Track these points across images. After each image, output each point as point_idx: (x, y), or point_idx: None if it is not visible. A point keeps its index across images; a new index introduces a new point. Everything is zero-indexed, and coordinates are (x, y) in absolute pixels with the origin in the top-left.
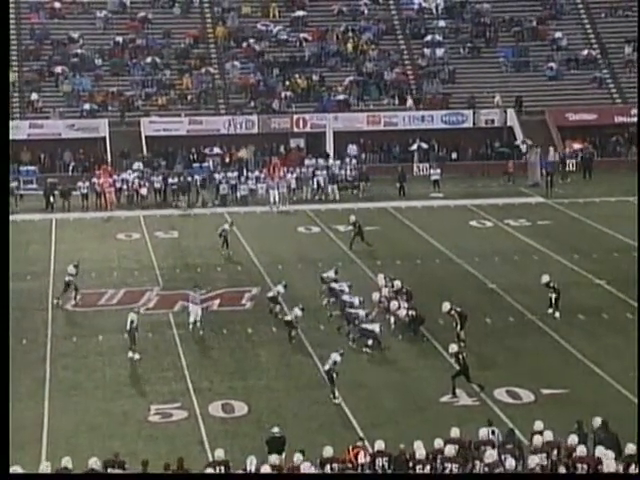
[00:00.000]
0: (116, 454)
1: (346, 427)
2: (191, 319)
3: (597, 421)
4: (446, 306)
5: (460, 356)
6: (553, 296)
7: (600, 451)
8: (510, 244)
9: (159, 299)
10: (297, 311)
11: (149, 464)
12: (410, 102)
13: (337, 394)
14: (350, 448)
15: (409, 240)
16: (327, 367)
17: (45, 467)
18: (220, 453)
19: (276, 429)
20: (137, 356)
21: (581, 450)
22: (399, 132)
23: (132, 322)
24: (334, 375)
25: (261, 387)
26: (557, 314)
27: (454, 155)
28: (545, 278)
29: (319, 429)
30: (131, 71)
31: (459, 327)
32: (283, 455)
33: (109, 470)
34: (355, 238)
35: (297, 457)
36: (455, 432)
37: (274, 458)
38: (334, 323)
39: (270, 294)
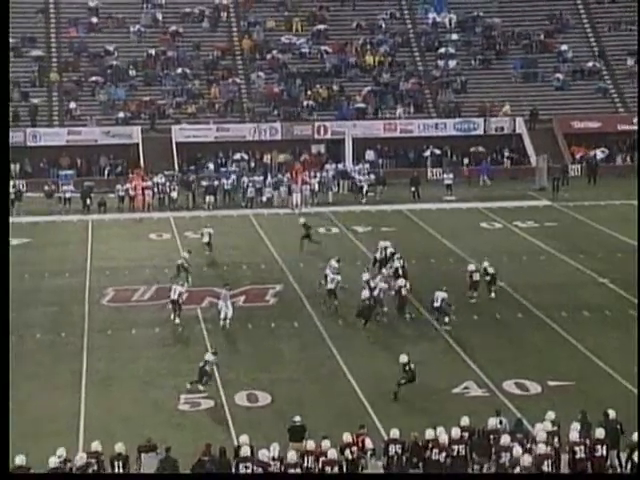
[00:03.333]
0: (149, 439)
1: (362, 416)
2: (222, 315)
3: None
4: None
5: (408, 367)
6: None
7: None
8: (518, 244)
9: (188, 295)
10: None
11: (177, 450)
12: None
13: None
14: (355, 436)
15: (423, 240)
16: (202, 364)
17: (80, 457)
18: (245, 439)
19: (297, 418)
20: (177, 320)
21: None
22: (414, 139)
23: (176, 292)
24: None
25: (283, 378)
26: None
27: (466, 161)
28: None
29: (337, 417)
30: (163, 81)
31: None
32: (304, 442)
33: (142, 455)
34: (304, 239)
35: (325, 443)
36: (465, 421)
37: (297, 445)
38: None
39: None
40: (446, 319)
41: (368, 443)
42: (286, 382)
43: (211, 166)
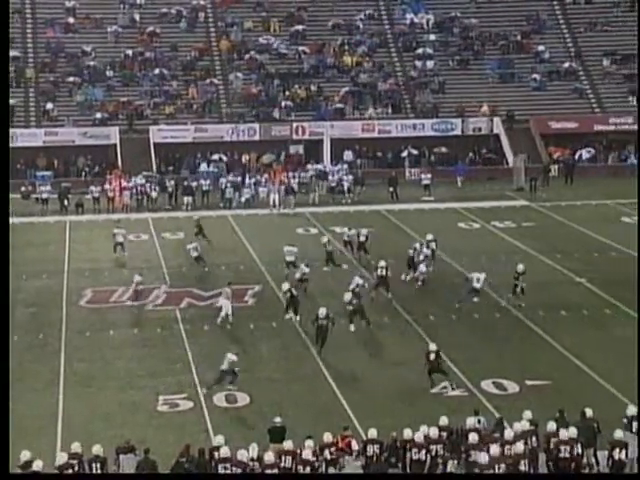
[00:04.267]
0: (127, 440)
1: (342, 416)
2: (223, 313)
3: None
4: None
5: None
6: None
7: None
8: (496, 244)
9: (167, 296)
10: (304, 268)
11: (156, 451)
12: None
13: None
14: (339, 437)
15: (401, 240)
16: (224, 366)
17: (61, 457)
18: (220, 439)
19: (277, 419)
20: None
21: (562, 434)
22: (392, 139)
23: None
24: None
25: (262, 378)
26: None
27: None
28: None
29: (317, 417)
30: (140, 82)
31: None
32: (284, 443)
33: (121, 456)
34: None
35: (308, 443)
36: (444, 420)
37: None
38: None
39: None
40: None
41: (354, 445)
42: (265, 382)
43: (188, 167)
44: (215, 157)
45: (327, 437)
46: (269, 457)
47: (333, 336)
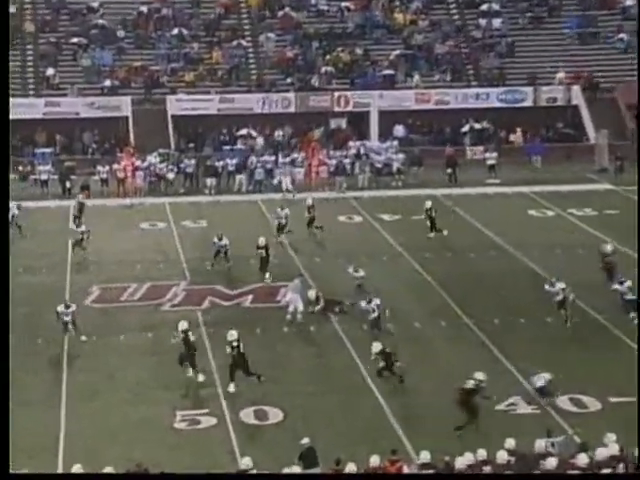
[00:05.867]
0: (139, 463)
1: (389, 436)
2: (290, 308)
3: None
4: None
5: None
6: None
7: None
8: (573, 236)
9: (186, 294)
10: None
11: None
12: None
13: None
14: (388, 462)
15: (461, 231)
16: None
17: None
18: (247, 462)
19: (305, 440)
20: None
21: None
22: (451, 111)
23: None
24: None
25: (297, 391)
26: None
27: (512, 137)
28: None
29: (360, 437)
30: (156, 44)
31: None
32: (318, 469)
33: None
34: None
35: (350, 467)
36: (510, 443)
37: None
38: None
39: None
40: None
41: (406, 471)
42: (300, 396)
43: (212, 144)
44: (243, 132)
45: (374, 460)
46: None
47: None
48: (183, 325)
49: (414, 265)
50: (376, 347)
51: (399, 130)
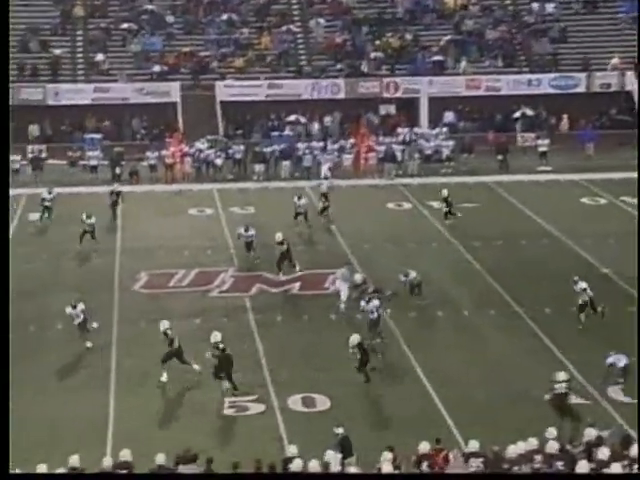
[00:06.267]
0: (187, 449)
1: (437, 424)
2: (343, 297)
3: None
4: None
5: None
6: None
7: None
8: (627, 224)
9: (234, 281)
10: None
11: (220, 461)
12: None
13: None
14: (435, 451)
15: (512, 218)
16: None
17: (107, 462)
18: (294, 450)
19: (340, 430)
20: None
21: None
22: (502, 98)
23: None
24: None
25: (345, 379)
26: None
27: (562, 124)
28: None
29: (409, 425)
30: (206, 29)
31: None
32: (353, 458)
33: (180, 467)
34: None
35: (385, 456)
36: (551, 432)
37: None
38: None
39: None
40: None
41: (452, 459)
42: (348, 384)
43: (260, 130)
44: (292, 118)
45: (424, 447)
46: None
47: (430, 332)
48: (216, 337)
49: (463, 253)
50: (353, 340)
51: (449, 116)
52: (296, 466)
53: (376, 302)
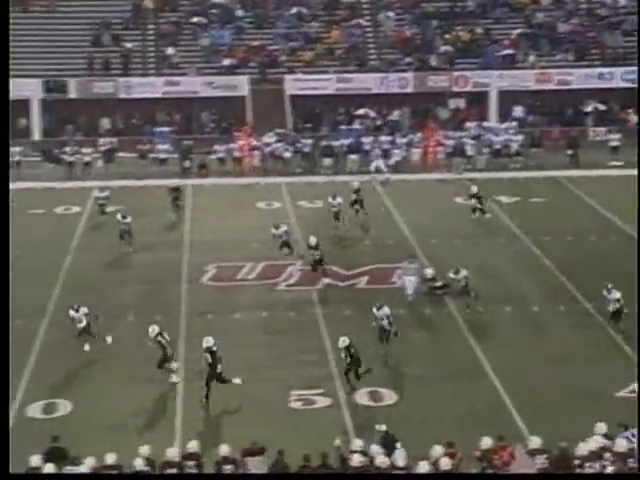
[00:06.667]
0: (254, 442)
1: (505, 420)
2: (409, 291)
3: None
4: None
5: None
6: None
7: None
8: None
9: (302, 274)
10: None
11: (288, 454)
12: None
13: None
14: (498, 447)
15: (582, 214)
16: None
17: (175, 453)
18: (359, 443)
19: (383, 427)
20: None
21: None
22: (573, 92)
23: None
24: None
25: (412, 374)
26: None
27: (635, 118)
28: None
29: (474, 420)
30: (275, 23)
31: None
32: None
33: (248, 459)
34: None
35: (436, 449)
36: (601, 428)
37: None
38: None
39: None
40: None
41: (517, 455)
42: (415, 379)
43: (329, 123)
44: (360, 112)
45: (486, 443)
46: (423, 466)
47: (497, 327)
48: (208, 342)
49: (532, 247)
50: (343, 342)
51: (518, 110)
52: (356, 461)
53: (386, 310)
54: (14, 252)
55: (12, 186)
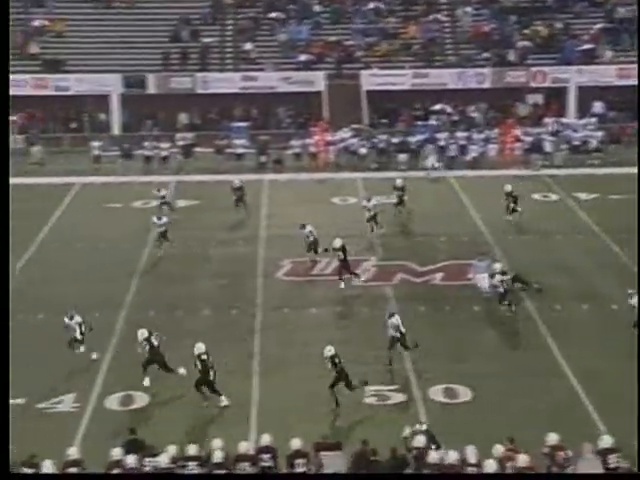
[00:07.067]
0: (324, 436)
1: (582, 418)
2: (483, 288)
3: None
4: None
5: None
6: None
7: None
8: None
9: (376, 270)
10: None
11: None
12: None
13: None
14: (556, 448)
15: None
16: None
17: (249, 446)
18: (421, 439)
19: (425, 426)
20: None
21: None
22: None
23: None
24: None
25: (487, 372)
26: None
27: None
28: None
29: (550, 419)
30: (352, 18)
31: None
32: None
33: (322, 453)
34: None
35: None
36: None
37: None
38: None
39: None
40: None
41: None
42: (491, 375)
43: (405, 119)
44: (437, 107)
45: (552, 439)
46: (490, 464)
47: (574, 325)
48: (200, 349)
49: (611, 245)
50: (328, 351)
51: (598, 106)
52: (432, 457)
53: (397, 319)
54: (92, 246)
55: (91, 180)
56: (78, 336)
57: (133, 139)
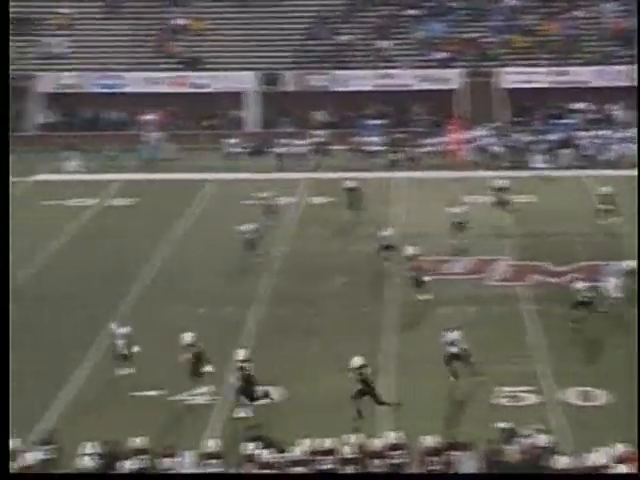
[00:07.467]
0: (453, 437)
1: None
2: (612, 294)
3: None
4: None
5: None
6: None
7: None
8: None
9: (511, 270)
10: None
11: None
12: None
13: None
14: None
15: None
16: None
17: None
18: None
19: (503, 424)
20: None
21: None
22: None
23: None
24: None
25: (626, 375)
26: None
27: None
28: None
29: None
30: (490, 15)
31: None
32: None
33: (452, 453)
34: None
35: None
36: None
37: None
38: None
39: None
40: None
41: None
42: (629, 380)
43: (543, 117)
44: (576, 106)
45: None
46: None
47: None
48: (356, 362)
49: None
50: (355, 362)
51: None
52: (562, 463)
53: (456, 334)
54: (224, 242)
55: (223, 176)
56: (124, 351)
57: (267, 136)
